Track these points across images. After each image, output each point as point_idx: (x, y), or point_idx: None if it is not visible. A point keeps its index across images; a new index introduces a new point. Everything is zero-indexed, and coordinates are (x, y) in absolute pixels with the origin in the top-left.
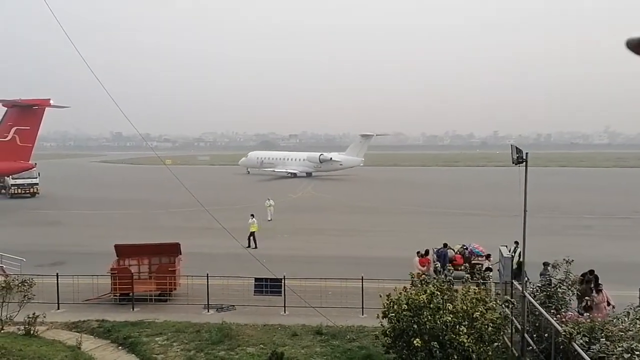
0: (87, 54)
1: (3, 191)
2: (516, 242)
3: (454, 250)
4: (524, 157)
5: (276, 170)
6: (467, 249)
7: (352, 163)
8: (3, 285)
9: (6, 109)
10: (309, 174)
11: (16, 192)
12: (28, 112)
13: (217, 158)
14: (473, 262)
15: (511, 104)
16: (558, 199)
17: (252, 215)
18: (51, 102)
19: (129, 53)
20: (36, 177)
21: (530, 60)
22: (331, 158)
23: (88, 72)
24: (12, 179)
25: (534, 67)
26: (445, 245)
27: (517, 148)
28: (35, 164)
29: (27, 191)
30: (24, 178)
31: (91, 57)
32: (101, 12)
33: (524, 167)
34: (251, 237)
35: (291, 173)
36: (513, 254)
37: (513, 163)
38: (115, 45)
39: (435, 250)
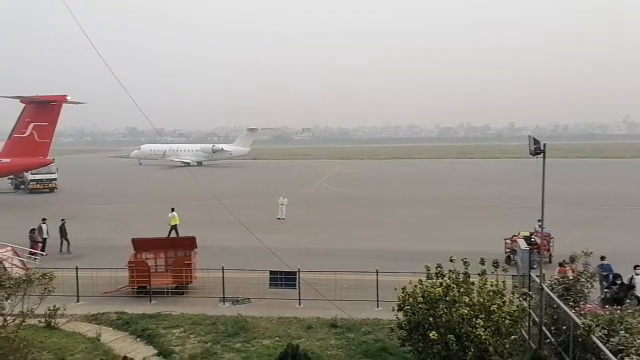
0: (105, 52)
1: (22, 186)
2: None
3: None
4: (542, 148)
5: (174, 159)
6: (536, 234)
7: (241, 152)
8: (24, 278)
9: (24, 105)
10: (199, 163)
11: (35, 187)
12: (45, 108)
13: None
14: None
15: (527, 94)
16: (577, 190)
17: (173, 209)
18: (68, 98)
19: (139, 50)
20: (54, 173)
21: (547, 49)
22: (222, 148)
23: (104, 69)
24: (31, 174)
25: (551, 57)
26: (602, 257)
27: (534, 139)
28: (53, 159)
29: (46, 186)
30: (42, 173)
31: (108, 55)
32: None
33: (542, 158)
34: (172, 231)
35: (184, 162)
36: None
37: (531, 154)
38: (128, 44)
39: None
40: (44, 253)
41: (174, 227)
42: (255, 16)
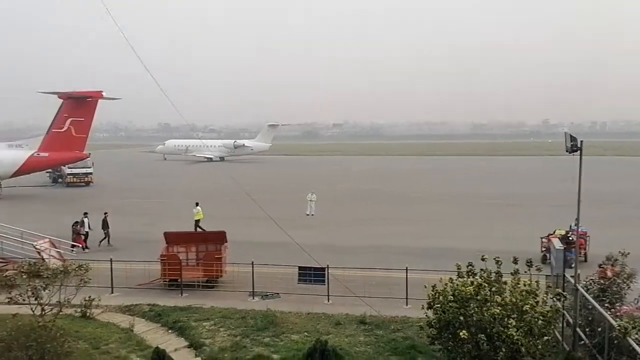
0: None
1: (60, 180)
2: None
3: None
4: (579, 146)
5: (196, 155)
6: (572, 232)
7: (261, 148)
8: (61, 269)
9: (62, 101)
10: (222, 159)
11: (72, 181)
12: (82, 104)
13: None
14: None
15: (563, 90)
16: (613, 188)
17: (197, 203)
18: (103, 94)
19: (172, 45)
20: (90, 167)
21: (584, 43)
22: (244, 144)
23: (138, 65)
24: (68, 168)
25: (589, 51)
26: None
27: (571, 136)
28: (89, 153)
29: (82, 180)
30: (79, 168)
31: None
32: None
33: (579, 156)
34: (197, 226)
35: (207, 158)
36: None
37: (567, 151)
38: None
39: None
40: (79, 245)
41: (197, 222)
42: (280, 12)
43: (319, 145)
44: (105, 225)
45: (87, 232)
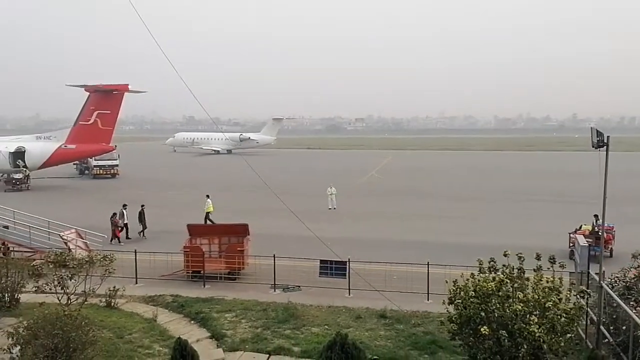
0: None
1: (86, 172)
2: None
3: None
4: (605, 141)
5: (203, 147)
6: (598, 227)
7: (267, 141)
8: (87, 259)
9: (88, 94)
10: (229, 151)
11: (98, 173)
12: (108, 97)
13: (283, 142)
14: None
15: (592, 84)
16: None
17: (208, 196)
18: (129, 87)
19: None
20: (116, 159)
21: (612, 36)
22: (249, 137)
23: (162, 59)
24: (94, 160)
25: (618, 43)
26: None
27: (597, 131)
28: (115, 146)
29: (108, 172)
30: (105, 160)
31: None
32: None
33: (605, 152)
34: (207, 218)
35: (214, 150)
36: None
37: (593, 147)
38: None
39: None
40: (116, 237)
41: (208, 215)
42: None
43: (344, 139)
44: (141, 217)
45: (126, 224)
